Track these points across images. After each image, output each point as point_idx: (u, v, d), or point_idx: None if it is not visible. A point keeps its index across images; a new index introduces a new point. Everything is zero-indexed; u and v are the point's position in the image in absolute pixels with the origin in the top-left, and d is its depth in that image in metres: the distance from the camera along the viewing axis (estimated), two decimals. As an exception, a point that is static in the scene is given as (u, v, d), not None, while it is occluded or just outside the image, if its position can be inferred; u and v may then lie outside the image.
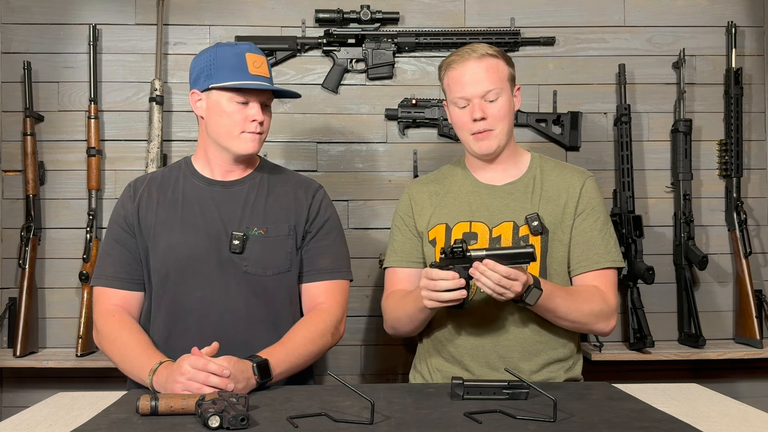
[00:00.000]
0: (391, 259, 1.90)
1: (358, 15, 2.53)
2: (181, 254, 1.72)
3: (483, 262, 1.53)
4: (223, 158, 1.77)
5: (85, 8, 2.57)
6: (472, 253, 1.55)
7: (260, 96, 1.73)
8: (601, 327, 1.76)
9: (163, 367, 1.53)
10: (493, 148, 1.77)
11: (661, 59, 2.62)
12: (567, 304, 1.69)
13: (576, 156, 2.58)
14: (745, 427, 1.27)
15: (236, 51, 1.72)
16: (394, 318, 1.82)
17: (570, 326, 1.75)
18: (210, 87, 1.71)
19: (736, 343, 2.54)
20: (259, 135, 1.74)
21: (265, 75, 1.74)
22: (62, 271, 2.54)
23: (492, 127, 1.75)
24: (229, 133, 1.72)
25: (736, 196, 2.56)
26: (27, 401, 2.37)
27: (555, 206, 1.79)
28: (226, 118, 1.71)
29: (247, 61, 1.70)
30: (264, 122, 1.74)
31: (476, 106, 1.74)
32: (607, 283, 1.78)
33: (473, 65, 1.75)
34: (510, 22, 2.59)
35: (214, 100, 1.72)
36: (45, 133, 2.56)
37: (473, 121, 1.75)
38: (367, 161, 2.59)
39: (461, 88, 1.76)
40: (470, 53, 1.76)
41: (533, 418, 1.28)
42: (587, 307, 1.71)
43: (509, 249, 1.56)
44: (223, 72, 1.70)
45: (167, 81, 2.56)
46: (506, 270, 1.53)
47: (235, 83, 1.69)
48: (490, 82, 1.74)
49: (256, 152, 1.76)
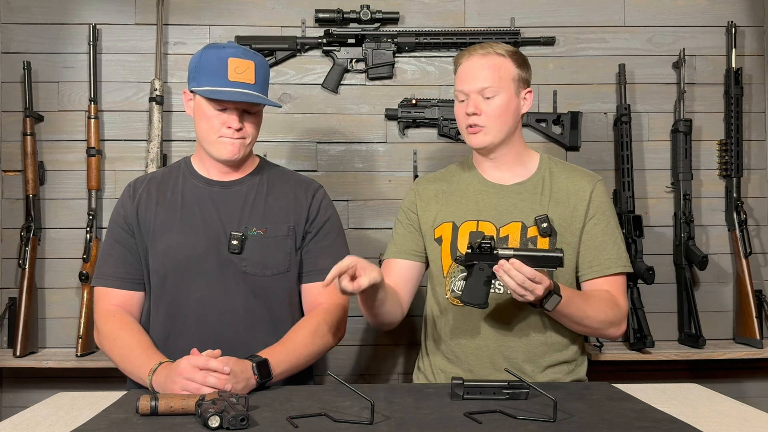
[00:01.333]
0: (389, 251, 1.91)
1: (358, 15, 2.53)
2: (180, 254, 1.72)
3: (510, 261, 1.53)
4: (213, 160, 1.77)
5: (84, 8, 2.57)
6: (500, 252, 1.56)
7: (239, 103, 1.69)
8: (612, 332, 1.76)
9: (163, 367, 1.53)
10: (484, 144, 1.78)
11: (661, 59, 2.62)
12: (583, 309, 1.69)
13: (576, 156, 2.58)
14: (745, 427, 1.27)
15: (220, 55, 1.68)
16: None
17: (582, 331, 1.76)
18: (192, 90, 1.72)
19: (736, 343, 2.54)
20: (241, 140, 1.71)
21: (248, 81, 1.68)
22: (62, 271, 2.54)
23: (484, 124, 1.76)
24: (207, 137, 1.72)
25: (736, 196, 2.56)
26: (27, 401, 2.37)
27: (564, 209, 1.79)
28: (205, 122, 1.71)
29: (228, 67, 1.66)
30: (246, 128, 1.71)
31: (471, 101, 1.76)
32: (618, 288, 1.78)
33: (475, 61, 1.77)
34: (510, 22, 2.59)
35: (197, 103, 1.72)
36: (45, 133, 2.56)
37: (467, 114, 1.77)
38: (367, 161, 2.59)
39: (461, 83, 1.79)
40: (477, 50, 1.78)
41: (533, 418, 1.28)
42: (602, 314, 1.71)
43: (538, 251, 1.57)
44: (204, 76, 1.68)
45: (167, 81, 2.56)
46: (532, 272, 1.52)
47: (208, 89, 1.67)
48: (487, 80, 1.75)
49: (235, 158, 1.73)
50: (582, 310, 1.68)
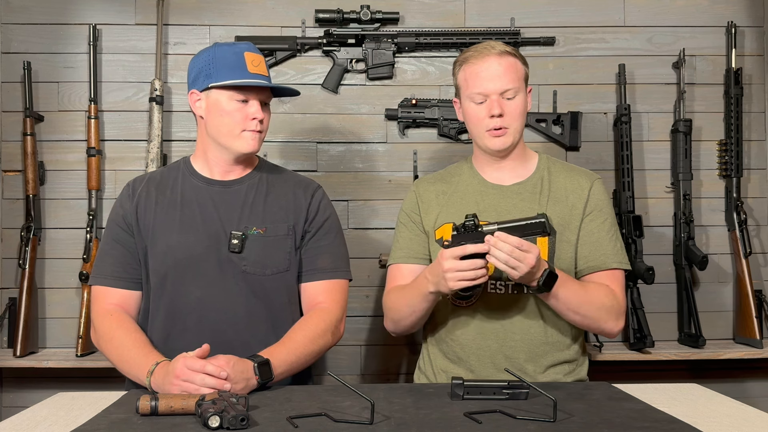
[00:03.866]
0: (396, 256, 1.89)
1: (358, 15, 2.53)
2: (180, 254, 1.72)
3: (495, 235, 1.54)
4: (222, 158, 1.77)
5: (84, 8, 2.57)
6: (484, 228, 1.56)
7: (260, 94, 1.73)
8: (611, 325, 1.74)
9: (160, 367, 1.53)
10: (508, 144, 1.77)
11: (661, 59, 2.62)
12: (581, 294, 1.69)
13: (576, 156, 2.58)
14: (745, 427, 1.27)
15: (235, 50, 1.72)
16: (394, 311, 1.81)
17: (581, 321, 1.72)
18: (209, 86, 1.71)
19: (736, 343, 2.55)
20: (259, 133, 1.74)
21: (264, 74, 1.74)
22: (62, 271, 2.54)
23: (508, 125, 1.75)
24: (230, 132, 1.72)
25: (736, 196, 2.56)
26: (27, 401, 2.38)
27: (563, 207, 1.80)
28: (227, 117, 1.71)
29: (245, 60, 1.71)
30: (264, 120, 1.75)
31: (495, 103, 1.74)
32: (615, 282, 1.78)
33: (493, 62, 1.75)
34: (510, 22, 2.59)
35: (213, 100, 1.72)
36: (45, 133, 2.56)
37: (491, 117, 1.75)
38: (367, 161, 2.59)
39: (480, 84, 1.75)
40: (490, 50, 1.76)
41: (533, 418, 1.28)
42: (598, 300, 1.71)
43: (521, 220, 1.56)
44: (222, 71, 1.70)
45: (167, 81, 2.56)
46: (518, 240, 1.53)
47: (235, 81, 1.69)
48: (509, 80, 1.75)
49: (256, 151, 1.76)
50: (579, 295, 1.68)
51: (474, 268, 1.55)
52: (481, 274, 1.56)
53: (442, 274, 1.58)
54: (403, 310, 1.78)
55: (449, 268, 1.56)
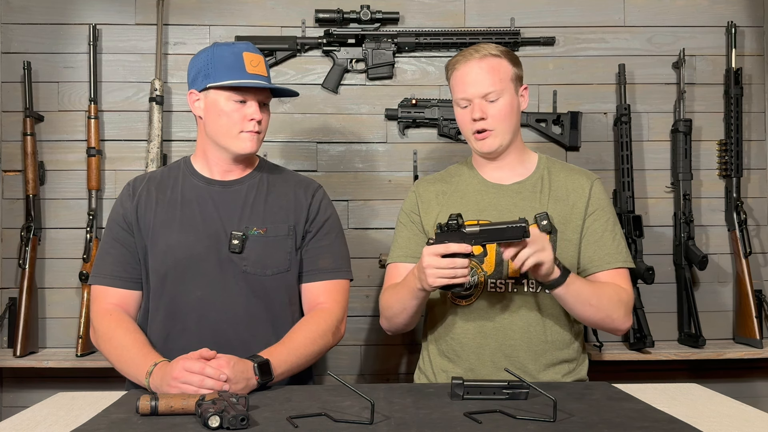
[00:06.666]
0: (395, 255, 1.89)
1: (358, 15, 2.53)
2: (180, 254, 1.72)
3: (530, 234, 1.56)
4: (222, 158, 1.77)
5: (84, 8, 2.57)
6: (467, 229, 1.57)
7: (258, 95, 1.73)
8: (622, 320, 1.74)
9: (158, 368, 1.53)
10: (494, 147, 1.78)
11: (661, 59, 2.62)
12: (591, 287, 1.70)
13: (576, 156, 2.58)
14: (745, 427, 1.27)
15: (233, 50, 1.72)
16: (387, 308, 1.82)
17: (594, 314, 1.71)
18: (208, 86, 1.71)
19: (736, 343, 2.55)
20: (258, 134, 1.74)
21: (263, 74, 1.73)
22: (62, 271, 2.54)
23: (492, 128, 1.76)
24: (228, 132, 1.72)
25: (736, 196, 2.56)
26: (27, 401, 2.38)
27: (563, 206, 1.80)
28: (225, 118, 1.71)
29: (244, 60, 1.70)
30: (262, 121, 1.74)
31: (476, 107, 1.76)
32: (621, 279, 1.78)
33: (474, 66, 1.76)
34: (510, 22, 2.59)
35: (212, 100, 1.72)
36: (45, 133, 2.56)
37: (473, 120, 1.76)
38: (367, 161, 2.59)
39: (463, 89, 1.78)
40: (473, 54, 1.77)
41: (533, 418, 1.28)
42: (611, 293, 1.72)
43: (503, 224, 1.57)
44: (220, 71, 1.70)
45: (167, 81, 2.56)
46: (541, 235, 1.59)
47: (232, 82, 1.69)
48: (490, 83, 1.75)
49: (254, 151, 1.76)
50: (592, 287, 1.70)
51: (453, 267, 1.56)
52: (461, 273, 1.56)
53: (423, 269, 1.59)
54: (395, 307, 1.78)
55: (429, 265, 1.57)
